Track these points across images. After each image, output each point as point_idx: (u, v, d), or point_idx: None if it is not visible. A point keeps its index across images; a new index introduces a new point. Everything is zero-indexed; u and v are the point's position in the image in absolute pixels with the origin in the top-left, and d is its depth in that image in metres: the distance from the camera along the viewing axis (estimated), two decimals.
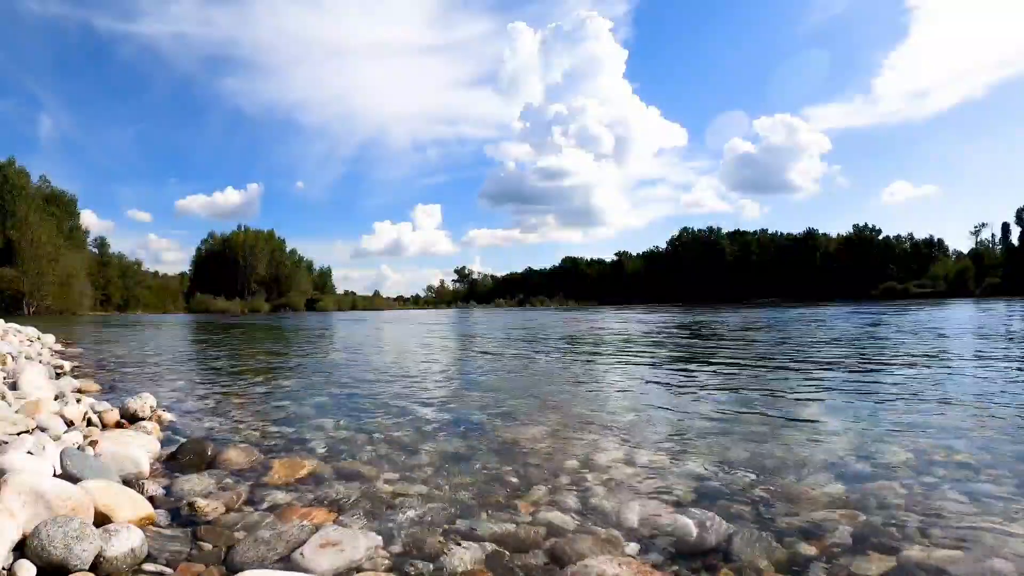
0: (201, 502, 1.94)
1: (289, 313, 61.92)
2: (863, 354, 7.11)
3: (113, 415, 3.22)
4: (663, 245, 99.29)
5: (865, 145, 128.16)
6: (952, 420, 3.18)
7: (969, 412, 3.39)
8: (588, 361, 7.13)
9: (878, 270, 76.92)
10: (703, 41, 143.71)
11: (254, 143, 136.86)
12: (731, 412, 3.56)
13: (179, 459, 2.50)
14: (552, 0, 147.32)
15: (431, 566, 1.57)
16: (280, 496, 2.11)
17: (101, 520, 1.67)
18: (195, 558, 1.61)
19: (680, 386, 4.67)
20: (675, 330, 13.42)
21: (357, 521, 1.87)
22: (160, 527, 1.80)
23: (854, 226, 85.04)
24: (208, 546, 1.68)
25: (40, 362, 5.95)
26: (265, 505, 2.03)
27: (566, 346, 9.62)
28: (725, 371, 5.70)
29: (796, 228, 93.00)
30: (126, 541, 1.54)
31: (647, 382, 4.98)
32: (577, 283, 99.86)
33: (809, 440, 2.83)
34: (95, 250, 66.79)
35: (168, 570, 1.52)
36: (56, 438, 2.49)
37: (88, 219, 71.60)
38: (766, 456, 2.55)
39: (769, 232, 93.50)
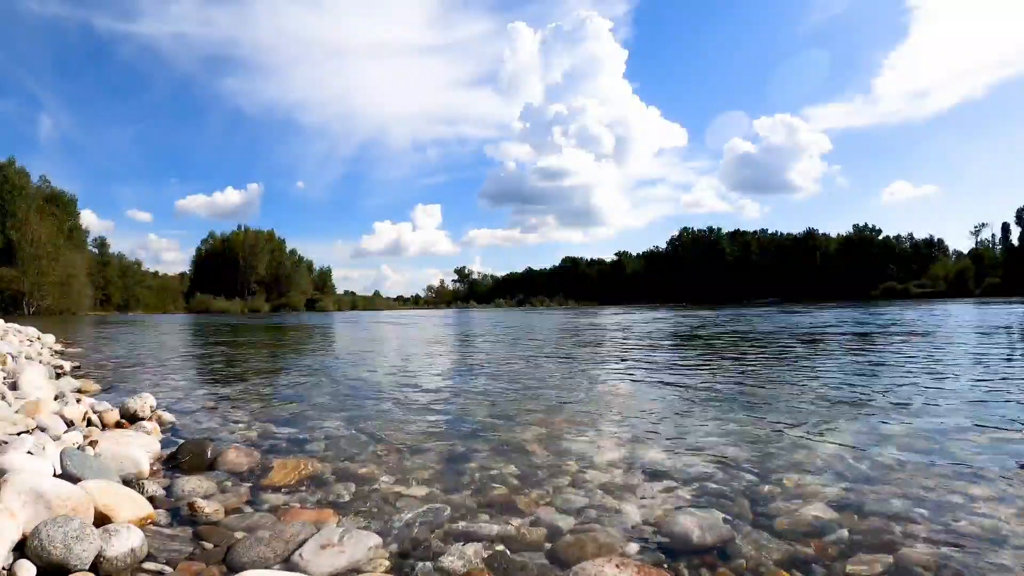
0: (201, 502, 1.94)
1: (289, 313, 61.88)
2: (863, 355, 7.11)
3: (113, 415, 3.22)
4: (663, 245, 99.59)
5: (865, 145, 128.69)
6: (951, 420, 3.18)
7: (968, 412, 3.39)
8: (588, 362, 7.13)
9: (878, 270, 76.96)
10: (703, 41, 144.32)
11: (254, 143, 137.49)
12: (731, 412, 3.55)
13: (179, 459, 2.50)
14: (552, 0, 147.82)
15: (431, 566, 1.57)
16: (280, 497, 2.11)
17: (101, 520, 1.67)
18: (195, 558, 1.61)
19: (679, 386, 4.67)
20: (675, 330, 13.42)
21: (357, 521, 1.87)
22: (160, 527, 1.80)
23: (854, 226, 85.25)
24: (208, 546, 1.68)
25: (40, 362, 5.95)
26: (265, 505, 2.03)
27: (566, 346, 9.62)
28: (724, 371, 5.70)
29: (796, 228, 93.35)
30: (126, 541, 1.54)
31: (647, 383, 4.98)
32: (577, 283, 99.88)
33: (808, 440, 2.83)
34: (95, 250, 66.91)
35: (168, 570, 1.52)
36: (56, 438, 2.49)
37: (88, 219, 71.93)
38: (765, 456, 2.55)
39: (769, 232, 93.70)
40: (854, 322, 14.18)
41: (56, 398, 3.46)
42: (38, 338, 9.56)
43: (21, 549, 1.44)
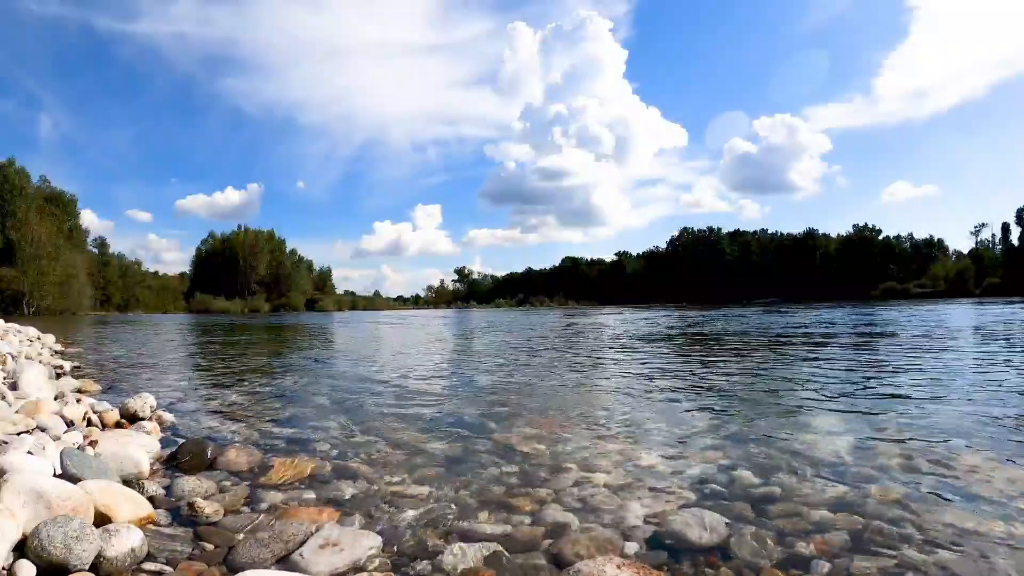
0: (201, 502, 1.94)
1: (289, 313, 61.89)
2: (862, 355, 7.11)
3: (113, 415, 3.22)
4: (663, 245, 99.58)
5: (865, 145, 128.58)
6: (951, 421, 3.18)
7: (968, 413, 3.39)
8: (588, 362, 7.13)
9: (878, 270, 77.00)
10: (703, 41, 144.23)
11: (254, 143, 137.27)
12: (730, 412, 3.56)
13: (179, 459, 2.50)
14: (552, 0, 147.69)
15: (431, 566, 1.57)
16: (280, 496, 2.11)
17: (101, 520, 1.67)
18: (195, 558, 1.61)
19: (679, 387, 4.67)
20: (674, 331, 13.42)
21: (357, 521, 1.87)
22: (160, 527, 1.80)
23: (854, 226, 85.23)
24: (209, 546, 1.68)
25: (40, 362, 5.95)
26: (265, 505, 2.03)
27: (565, 347, 9.62)
28: (724, 371, 5.70)
29: (796, 228, 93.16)
30: (126, 541, 1.54)
31: (646, 383, 4.98)
32: (577, 283, 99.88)
33: (808, 440, 2.83)
34: (95, 250, 66.83)
35: (168, 570, 1.52)
36: (56, 438, 2.49)
37: (88, 219, 71.77)
38: (765, 456, 2.55)
39: (769, 232, 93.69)
40: (854, 323, 14.18)
41: (56, 398, 3.46)
42: (38, 338, 9.56)
43: (21, 549, 1.44)
